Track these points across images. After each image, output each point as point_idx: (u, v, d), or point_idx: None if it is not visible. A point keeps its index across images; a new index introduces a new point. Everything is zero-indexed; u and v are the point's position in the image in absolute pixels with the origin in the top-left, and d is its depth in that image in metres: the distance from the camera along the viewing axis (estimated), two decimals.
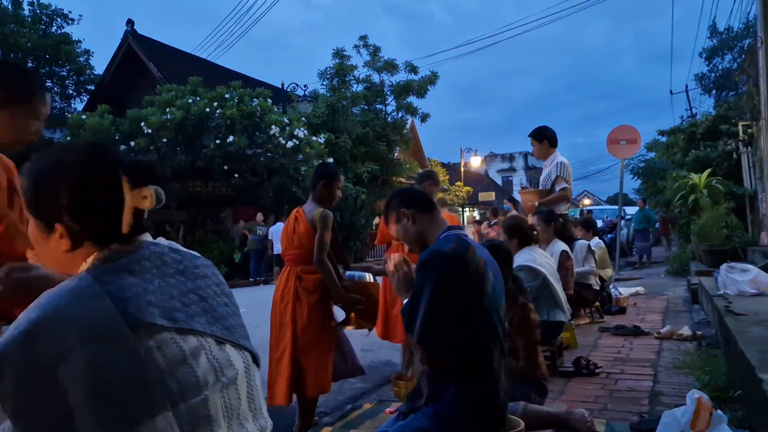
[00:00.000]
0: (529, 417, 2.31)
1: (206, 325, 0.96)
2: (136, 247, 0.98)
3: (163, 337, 0.89)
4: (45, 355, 0.79)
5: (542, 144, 4.70)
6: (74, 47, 18.53)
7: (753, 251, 7.21)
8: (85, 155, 0.98)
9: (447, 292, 1.75)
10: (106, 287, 0.89)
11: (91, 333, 0.83)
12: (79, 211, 0.94)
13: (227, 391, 0.95)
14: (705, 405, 2.03)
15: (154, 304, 0.91)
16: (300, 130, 14.16)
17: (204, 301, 0.99)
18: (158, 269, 0.96)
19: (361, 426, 2.72)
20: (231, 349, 0.99)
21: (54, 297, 0.87)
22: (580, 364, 3.49)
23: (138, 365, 0.85)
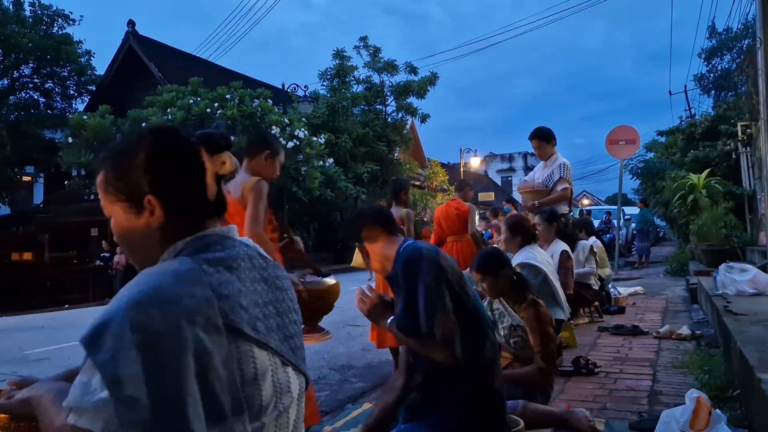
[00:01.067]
0: (529, 416, 2.31)
1: (278, 343, 0.94)
2: (230, 241, 0.96)
3: (244, 348, 0.86)
4: (146, 331, 0.77)
5: (549, 144, 4.72)
6: (75, 48, 18.55)
7: (752, 251, 7.22)
8: (157, 130, 0.98)
9: (440, 282, 1.76)
10: (208, 278, 0.86)
11: (197, 317, 0.81)
12: (164, 180, 0.92)
13: (280, 419, 0.92)
14: (704, 404, 2.05)
15: (244, 308, 0.88)
16: (300, 130, 14.17)
17: (279, 316, 0.97)
18: (249, 272, 0.94)
19: (361, 426, 2.73)
20: (292, 372, 0.97)
21: (156, 276, 0.85)
22: (579, 364, 3.50)
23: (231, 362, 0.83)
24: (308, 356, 3.82)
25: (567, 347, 4.06)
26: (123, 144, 0.97)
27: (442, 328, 1.71)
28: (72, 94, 19.53)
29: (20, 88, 18.69)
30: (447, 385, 1.79)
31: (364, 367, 4.26)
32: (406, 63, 20.12)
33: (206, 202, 0.95)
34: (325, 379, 3.98)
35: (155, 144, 0.94)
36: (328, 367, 4.29)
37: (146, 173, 0.92)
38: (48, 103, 19.18)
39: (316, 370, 4.21)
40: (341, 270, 15.26)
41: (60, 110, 19.16)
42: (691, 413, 2.03)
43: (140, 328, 0.77)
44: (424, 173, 24.77)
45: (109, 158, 0.96)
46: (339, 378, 3.98)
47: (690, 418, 2.02)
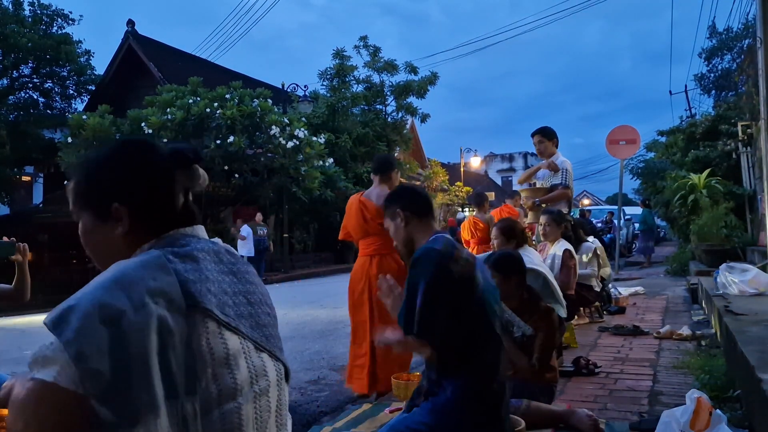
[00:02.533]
0: (531, 415, 2.32)
1: (249, 329, 0.96)
2: (195, 239, 1.00)
3: (212, 329, 0.89)
4: (110, 308, 0.80)
5: (551, 142, 4.73)
6: (75, 47, 18.52)
7: (752, 251, 7.22)
8: (131, 143, 1.02)
9: (441, 286, 1.79)
10: (173, 265, 0.90)
11: (158, 296, 0.85)
12: (133, 191, 0.97)
13: (259, 401, 0.94)
14: (704, 404, 2.04)
15: (212, 292, 0.92)
16: (300, 130, 14.16)
17: (250, 306, 1.00)
18: (215, 264, 0.98)
19: (362, 426, 2.73)
20: (267, 358, 0.99)
21: (122, 264, 0.89)
22: (580, 364, 3.50)
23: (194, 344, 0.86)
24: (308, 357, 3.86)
25: (567, 347, 4.06)
26: (96, 154, 1.02)
27: (430, 331, 1.77)
28: (71, 93, 19.50)
29: (19, 87, 18.67)
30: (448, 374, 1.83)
31: None
32: (406, 63, 20.12)
33: (173, 214, 1.00)
34: (325, 379, 3.97)
35: (126, 156, 1.00)
36: (328, 368, 4.29)
37: (115, 183, 0.97)
38: (47, 103, 19.17)
39: (316, 370, 4.21)
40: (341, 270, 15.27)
41: (59, 110, 19.14)
42: (692, 413, 2.02)
43: (105, 306, 0.81)
44: (424, 173, 24.77)
45: (81, 166, 1.01)
46: (339, 378, 3.97)
47: (690, 419, 2.02)
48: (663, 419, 2.12)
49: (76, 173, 1.00)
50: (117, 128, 13.31)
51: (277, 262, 15.18)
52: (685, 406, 2.07)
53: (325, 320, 6.47)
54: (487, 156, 41.51)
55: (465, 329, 1.80)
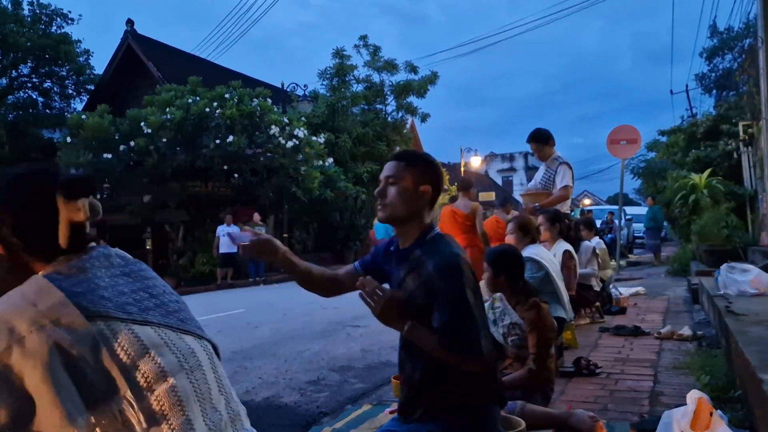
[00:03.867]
0: (528, 417, 2.30)
1: (160, 317, 1.00)
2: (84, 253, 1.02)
3: (119, 329, 0.92)
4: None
5: (545, 146, 4.71)
6: (74, 47, 18.54)
7: (753, 251, 7.21)
8: (14, 176, 1.03)
9: (478, 295, 1.73)
10: (57, 283, 0.93)
11: (44, 319, 0.87)
12: (10, 225, 0.98)
13: (194, 375, 0.98)
14: (705, 405, 2.03)
15: (107, 298, 0.95)
16: (300, 130, 14.15)
17: (155, 298, 1.03)
18: (107, 269, 1.01)
19: (361, 426, 2.72)
20: (191, 339, 1.03)
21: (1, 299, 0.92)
22: (581, 364, 3.49)
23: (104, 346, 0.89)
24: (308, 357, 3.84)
25: (568, 348, 4.04)
26: None
27: (486, 344, 1.66)
28: (70, 93, 19.53)
29: (18, 87, 18.68)
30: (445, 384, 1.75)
31: (363, 369, 4.25)
32: (406, 62, 20.11)
33: (57, 247, 1.00)
34: (324, 380, 3.96)
35: (8, 194, 1.00)
36: (327, 368, 4.27)
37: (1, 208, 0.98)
38: (46, 103, 19.18)
39: (316, 370, 4.19)
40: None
41: (58, 110, 19.16)
42: (693, 414, 2.01)
43: None
44: None
45: None
46: (339, 379, 3.96)
47: (691, 419, 2.01)
48: (663, 420, 2.11)
49: None
50: (116, 128, 13.30)
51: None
52: (685, 407, 2.06)
53: (325, 321, 6.46)
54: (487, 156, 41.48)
55: None
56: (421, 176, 1.81)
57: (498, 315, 2.80)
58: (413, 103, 20.27)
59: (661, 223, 13.83)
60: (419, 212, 1.81)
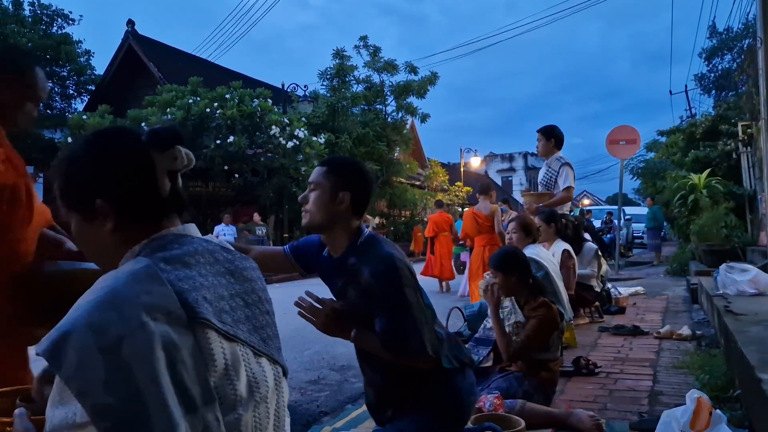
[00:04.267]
0: (527, 416, 2.31)
1: (247, 334, 0.93)
2: (187, 239, 0.96)
3: (212, 339, 0.86)
4: (107, 334, 0.76)
5: (549, 142, 4.72)
6: (75, 47, 18.53)
7: (752, 251, 7.22)
8: (104, 134, 0.99)
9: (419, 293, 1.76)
10: (165, 275, 0.86)
11: (156, 312, 0.81)
12: (112, 183, 0.92)
13: (258, 409, 0.92)
14: (704, 404, 2.04)
15: (208, 300, 0.88)
16: (300, 130, 14.16)
17: (248, 308, 0.97)
18: (211, 266, 0.94)
19: (361, 426, 2.73)
20: (266, 362, 0.97)
21: (110, 280, 0.84)
22: (580, 364, 3.50)
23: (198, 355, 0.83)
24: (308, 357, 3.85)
25: (568, 347, 4.05)
26: (69, 151, 0.98)
27: (431, 341, 1.72)
28: (71, 93, 19.52)
29: None
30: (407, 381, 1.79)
31: None
32: (406, 63, 20.10)
33: (160, 201, 0.95)
34: (325, 379, 3.97)
35: (99, 148, 0.95)
36: (328, 368, 4.28)
37: (93, 178, 0.93)
38: (47, 103, 19.15)
39: (315, 370, 4.20)
40: None
41: (59, 110, 19.15)
42: (692, 414, 2.02)
43: (101, 333, 0.76)
44: (424, 173, 24.76)
45: (59, 166, 0.97)
46: (339, 378, 3.97)
47: (690, 419, 2.02)
48: (663, 419, 2.12)
49: (56, 174, 0.97)
50: None
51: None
52: (685, 406, 2.07)
53: None
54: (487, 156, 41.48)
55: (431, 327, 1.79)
56: (341, 182, 1.76)
57: (505, 314, 2.81)
58: (413, 104, 20.27)
59: (661, 223, 13.84)
60: (340, 219, 1.77)
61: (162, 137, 0.96)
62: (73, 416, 0.74)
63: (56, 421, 0.75)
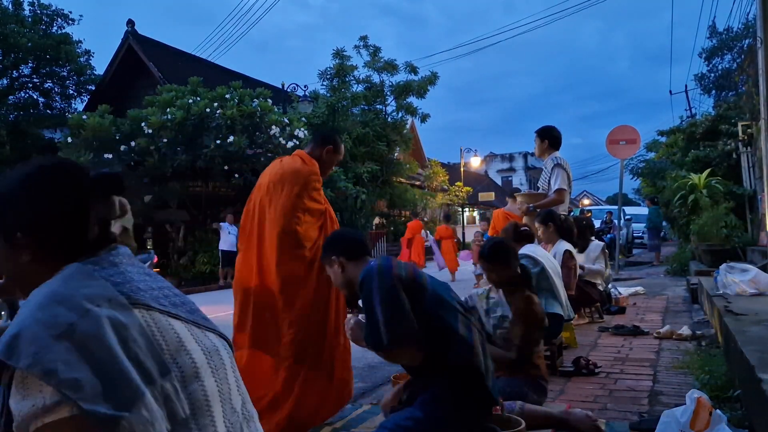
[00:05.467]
0: (527, 417, 2.31)
1: (187, 314, 0.99)
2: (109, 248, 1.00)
3: (159, 319, 0.91)
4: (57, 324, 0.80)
5: (543, 143, 4.69)
6: (75, 47, 18.54)
7: (752, 251, 7.22)
8: (46, 171, 0.99)
9: (392, 290, 1.85)
10: (98, 272, 0.91)
11: (98, 300, 0.85)
12: (37, 224, 0.95)
13: (218, 374, 0.97)
14: (704, 404, 2.04)
15: (142, 290, 0.94)
16: (300, 130, 14.15)
17: (177, 296, 1.02)
18: (133, 266, 0.99)
19: (361, 426, 2.73)
20: (214, 336, 1.02)
21: (46, 286, 0.88)
22: (580, 364, 3.50)
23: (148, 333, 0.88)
24: None
25: (568, 347, 4.06)
26: (8, 179, 0.99)
27: (404, 335, 1.83)
28: (71, 93, 19.52)
29: (19, 87, 18.68)
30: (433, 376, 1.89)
31: (364, 368, 4.25)
32: (406, 62, 20.11)
33: (85, 244, 0.97)
34: None
35: (35, 186, 0.97)
36: None
37: (19, 213, 0.95)
38: (47, 103, 19.18)
39: None
40: None
41: (59, 110, 19.15)
42: (692, 413, 2.02)
43: (51, 325, 0.80)
44: (424, 173, 24.77)
45: None
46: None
47: (690, 419, 2.02)
48: (663, 419, 2.12)
49: None
50: (117, 128, 13.31)
51: None
52: (685, 406, 2.07)
53: None
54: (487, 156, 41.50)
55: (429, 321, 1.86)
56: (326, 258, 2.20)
57: (491, 305, 2.86)
58: (413, 104, 20.28)
59: (660, 224, 13.85)
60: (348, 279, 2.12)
61: (101, 186, 1.00)
62: (42, 401, 0.77)
63: (25, 411, 0.77)
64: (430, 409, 1.82)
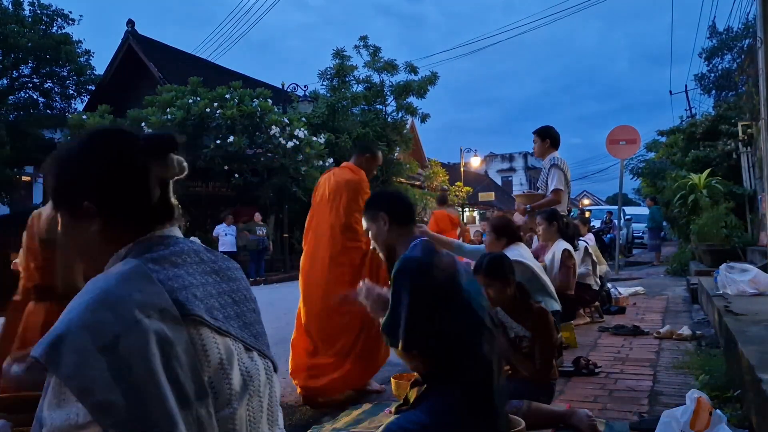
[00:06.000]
0: (532, 415, 2.32)
1: (238, 330, 0.94)
2: (173, 239, 0.96)
3: (206, 335, 0.87)
4: (104, 333, 0.77)
5: (544, 143, 4.68)
6: (75, 47, 18.55)
7: (752, 251, 7.22)
8: (100, 135, 0.98)
9: (423, 296, 1.79)
10: (155, 274, 0.87)
11: (149, 309, 0.81)
12: (103, 187, 0.92)
13: (252, 403, 0.93)
14: (704, 404, 2.04)
15: (199, 298, 0.89)
16: (300, 130, 14.16)
17: (236, 305, 0.98)
18: (197, 266, 0.95)
19: (361, 426, 2.73)
20: (257, 357, 0.98)
21: (101, 281, 0.85)
22: (580, 364, 3.49)
23: (192, 351, 0.84)
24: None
25: (567, 347, 4.05)
26: (63, 150, 0.98)
27: (419, 345, 1.79)
28: (71, 93, 19.54)
29: (19, 87, 18.69)
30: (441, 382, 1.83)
31: None
32: (406, 63, 20.09)
33: (149, 207, 0.95)
34: None
35: (91, 150, 0.95)
36: None
37: (82, 180, 0.93)
38: (47, 103, 19.19)
39: None
40: None
41: (59, 110, 19.16)
42: (692, 413, 2.02)
43: (97, 333, 0.77)
44: (424, 173, 24.76)
45: (52, 163, 0.97)
46: None
47: (690, 419, 2.02)
48: (663, 419, 2.12)
49: (48, 170, 0.97)
50: None
51: (277, 262, 15.18)
52: (685, 406, 2.07)
53: None
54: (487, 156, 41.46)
55: (453, 335, 1.80)
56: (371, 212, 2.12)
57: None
58: (413, 104, 20.27)
59: (661, 223, 13.86)
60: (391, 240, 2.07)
61: (156, 145, 0.96)
62: (75, 417, 0.74)
63: (58, 422, 0.75)
64: (438, 417, 1.76)
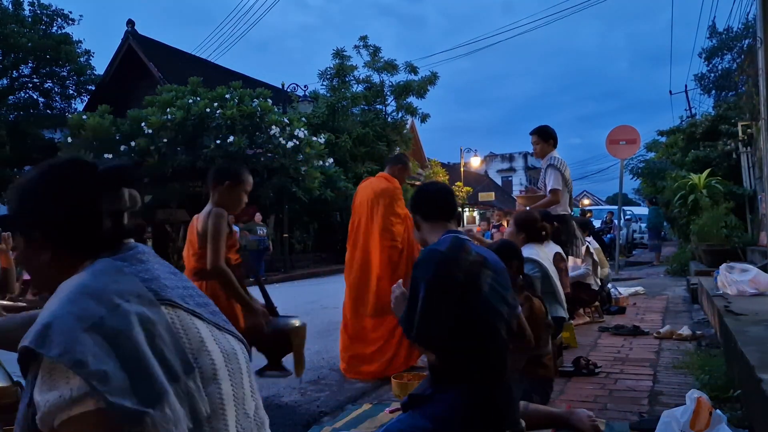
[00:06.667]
0: (530, 416, 2.32)
1: (209, 315, 1.00)
2: (131, 244, 1.01)
3: (184, 317, 0.93)
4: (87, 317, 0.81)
5: (547, 143, 4.66)
6: (75, 47, 18.53)
7: (752, 251, 7.22)
8: (57, 170, 1.01)
9: (441, 289, 1.77)
10: (126, 268, 0.92)
11: (127, 295, 0.87)
12: (52, 220, 0.96)
13: (234, 378, 0.98)
14: (704, 404, 2.04)
15: (169, 287, 0.95)
16: (300, 130, 14.16)
17: (199, 297, 1.03)
18: (159, 264, 1.01)
19: (361, 426, 2.73)
20: (232, 338, 1.03)
21: (76, 279, 0.89)
22: (580, 364, 3.50)
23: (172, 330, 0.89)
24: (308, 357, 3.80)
25: (567, 347, 4.06)
26: (24, 180, 1.02)
27: (432, 338, 1.80)
28: (71, 93, 19.51)
29: (19, 87, 18.67)
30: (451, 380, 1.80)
31: None
32: (406, 62, 20.12)
33: (99, 239, 0.98)
34: (325, 379, 3.97)
35: (46, 183, 0.99)
36: (328, 368, 4.29)
37: (35, 212, 0.97)
38: (47, 103, 19.17)
39: (315, 370, 4.20)
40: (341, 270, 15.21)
41: (59, 110, 19.14)
42: (692, 413, 2.02)
43: (81, 317, 0.81)
44: (424, 173, 24.77)
45: (13, 192, 1.01)
46: (339, 378, 3.97)
47: (690, 419, 2.02)
48: (663, 419, 2.12)
49: (9, 198, 1.02)
50: (117, 128, 13.32)
51: (277, 262, 15.18)
52: (685, 406, 2.07)
53: (325, 320, 6.46)
54: (487, 156, 41.48)
55: (464, 335, 1.77)
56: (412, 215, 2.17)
57: None
58: (413, 104, 20.28)
59: (661, 224, 13.86)
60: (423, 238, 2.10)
61: (112, 178, 1.00)
62: (69, 392, 0.77)
63: (51, 401, 0.78)
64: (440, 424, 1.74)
